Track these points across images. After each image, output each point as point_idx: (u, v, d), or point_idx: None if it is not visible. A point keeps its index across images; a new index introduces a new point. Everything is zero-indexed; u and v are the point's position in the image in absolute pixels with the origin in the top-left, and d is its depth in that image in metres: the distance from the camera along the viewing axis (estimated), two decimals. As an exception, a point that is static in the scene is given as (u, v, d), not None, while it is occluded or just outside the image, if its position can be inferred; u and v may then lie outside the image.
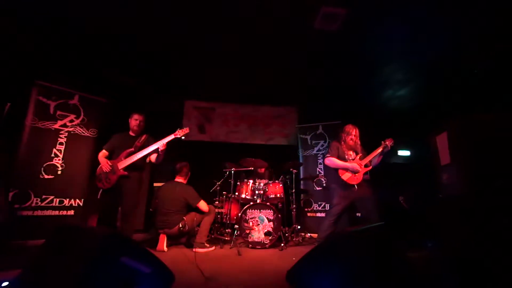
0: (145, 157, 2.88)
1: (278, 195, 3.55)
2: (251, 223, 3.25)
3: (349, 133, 3.03)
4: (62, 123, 3.40)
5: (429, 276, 1.47)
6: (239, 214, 3.30)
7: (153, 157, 2.91)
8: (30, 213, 3.01)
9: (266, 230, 3.22)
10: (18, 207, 2.95)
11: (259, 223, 3.25)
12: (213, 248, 3.05)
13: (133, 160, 2.77)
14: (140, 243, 2.86)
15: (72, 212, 3.29)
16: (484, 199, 1.70)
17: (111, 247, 1.26)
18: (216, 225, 3.86)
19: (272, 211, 3.28)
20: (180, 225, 2.99)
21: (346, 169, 2.89)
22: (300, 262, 1.69)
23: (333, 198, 2.96)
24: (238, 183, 3.78)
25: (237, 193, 3.65)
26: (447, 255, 1.66)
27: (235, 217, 3.71)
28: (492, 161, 2.30)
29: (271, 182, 3.65)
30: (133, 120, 2.95)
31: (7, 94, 2.89)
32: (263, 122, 5.24)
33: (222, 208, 3.92)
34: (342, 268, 1.35)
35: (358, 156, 2.97)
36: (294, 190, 3.81)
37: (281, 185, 3.64)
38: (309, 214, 4.40)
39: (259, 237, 3.20)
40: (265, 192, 3.55)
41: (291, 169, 3.85)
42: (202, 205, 3.13)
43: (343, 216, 2.98)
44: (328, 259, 1.48)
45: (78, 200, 3.35)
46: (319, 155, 4.59)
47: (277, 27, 3.04)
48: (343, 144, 3.06)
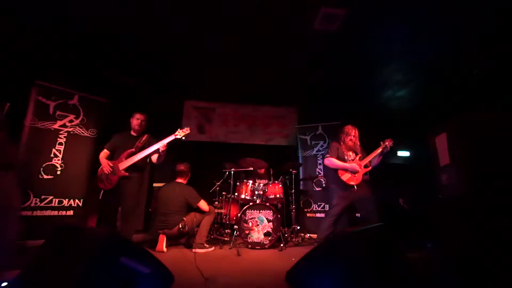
0: (146, 158, 2.87)
1: (278, 196, 3.54)
2: (251, 224, 3.25)
3: (349, 134, 3.04)
4: (62, 123, 3.39)
5: (429, 276, 1.46)
6: (239, 215, 3.30)
7: (154, 158, 2.91)
8: (29, 214, 3.00)
9: (266, 231, 3.21)
10: (18, 207, 2.94)
11: (259, 224, 3.25)
12: (213, 249, 3.05)
13: (134, 161, 2.77)
14: (140, 244, 2.86)
15: (72, 213, 3.28)
16: (484, 199, 1.70)
17: (111, 248, 1.26)
18: (216, 226, 3.86)
19: (272, 212, 3.28)
20: (180, 226, 2.99)
21: (346, 170, 2.90)
22: (300, 263, 1.69)
23: (333, 199, 2.96)
24: (238, 184, 3.78)
25: (237, 194, 3.65)
26: (447, 255, 1.66)
27: (235, 218, 3.71)
28: (492, 161, 2.29)
29: (271, 183, 3.65)
30: (135, 120, 2.95)
31: (7, 94, 2.89)
32: (263, 122, 5.23)
33: (222, 209, 3.91)
34: (342, 269, 1.35)
35: (358, 157, 2.97)
36: (294, 191, 3.81)
37: (281, 186, 3.63)
38: (309, 215, 4.39)
39: (259, 238, 3.20)
40: (265, 193, 3.55)
41: (291, 170, 3.84)
42: (203, 205, 3.13)
43: (343, 217, 2.98)
44: (328, 260, 1.48)
45: (78, 201, 3.34)
46: (319, 156, 4.59)
47: (277, 27, 3.04)
48: (343, 145, 3.06)
